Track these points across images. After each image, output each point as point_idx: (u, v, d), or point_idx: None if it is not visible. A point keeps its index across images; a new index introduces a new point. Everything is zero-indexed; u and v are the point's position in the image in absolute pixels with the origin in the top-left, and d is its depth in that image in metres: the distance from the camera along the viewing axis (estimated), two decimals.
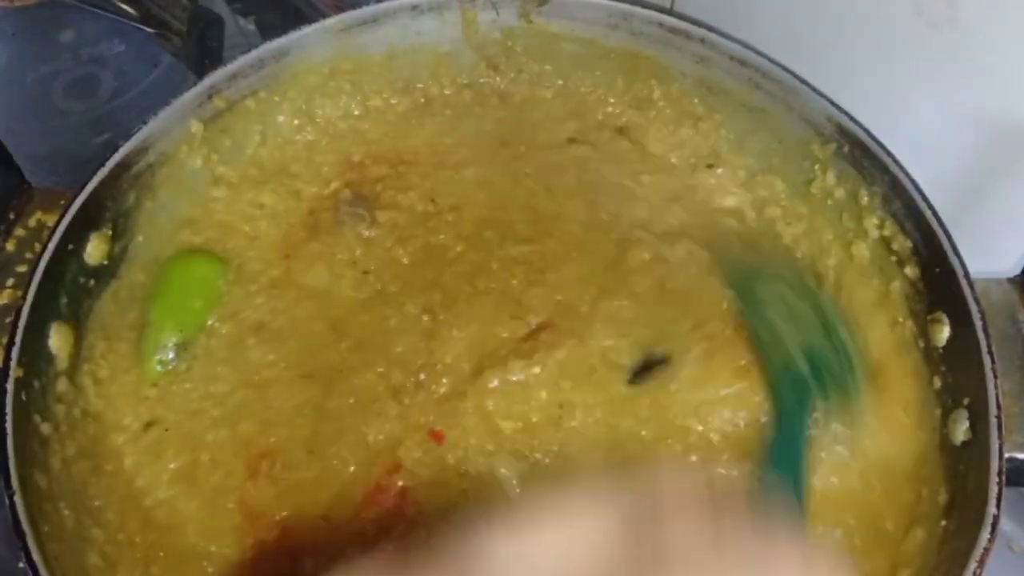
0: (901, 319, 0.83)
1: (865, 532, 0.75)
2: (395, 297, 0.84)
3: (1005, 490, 0.68)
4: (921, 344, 0.82)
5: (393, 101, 1.01)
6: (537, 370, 0.78)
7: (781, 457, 0.72)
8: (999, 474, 0.68)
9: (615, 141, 0.98)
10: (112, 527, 0.74)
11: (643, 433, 0.75)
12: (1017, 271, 0.87)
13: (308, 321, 0.82)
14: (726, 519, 0.48)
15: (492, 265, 0.85)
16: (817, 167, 0.91)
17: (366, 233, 0.89)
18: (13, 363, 0.72)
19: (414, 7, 0.98)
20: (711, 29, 0.95)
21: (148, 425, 0.79)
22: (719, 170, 0.96)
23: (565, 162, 0.95)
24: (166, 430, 0.78)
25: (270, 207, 0.92)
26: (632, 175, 0.94)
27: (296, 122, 0.97)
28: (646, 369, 0.78)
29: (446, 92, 1.02)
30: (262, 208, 0.92)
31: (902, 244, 0.85)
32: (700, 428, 0.76)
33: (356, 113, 0.99)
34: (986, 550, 0.66)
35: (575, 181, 0.93)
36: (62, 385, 0.78)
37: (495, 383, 0.76)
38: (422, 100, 1.01)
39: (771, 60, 0.92)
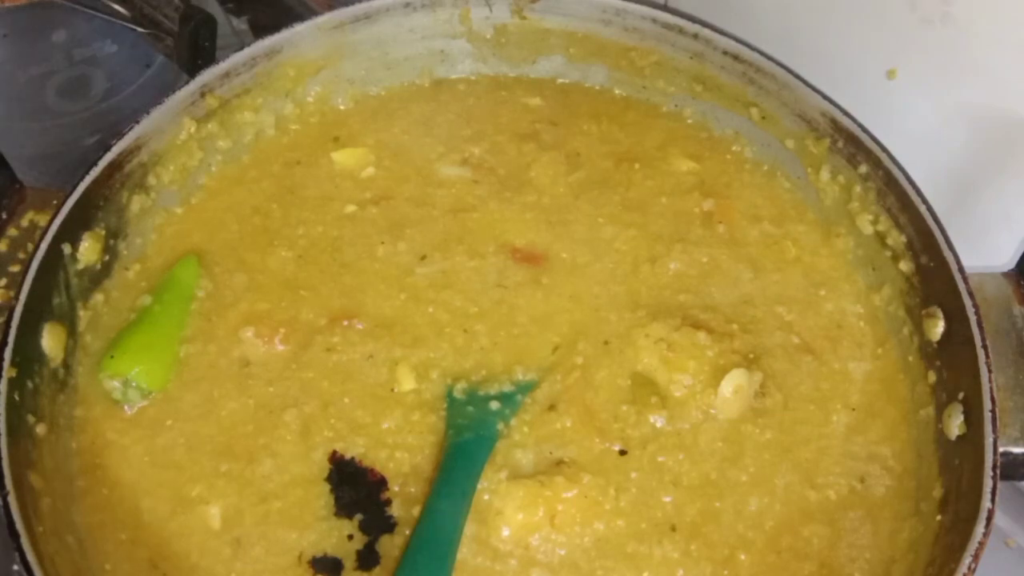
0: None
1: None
2: None
3: (1000, 484, 0.68)
4: (916, 339, 0.82)
5: None
6: None
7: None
8: (993, 468, 0.68)
9: None
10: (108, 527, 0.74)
11: None
12: (1012, 265, 0.87)
13: None
14: None
15: None
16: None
17: None
18: (6, 363, 0.72)
19: (407, 4, 0.98)
20: (705, 25, 0.95)
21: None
22: None
23: None
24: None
25: None
26: None
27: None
28: None
29: None
30: None
31: (896, 239, 0.85)
32: None
33: None
34: (981, 544, 0.66)
35: None
36: (55, 385, 0.78)
37: None
38: None
39: (765, 55, 0.92)
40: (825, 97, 0.89)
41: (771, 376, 0.81)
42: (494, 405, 0.78)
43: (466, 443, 0.76)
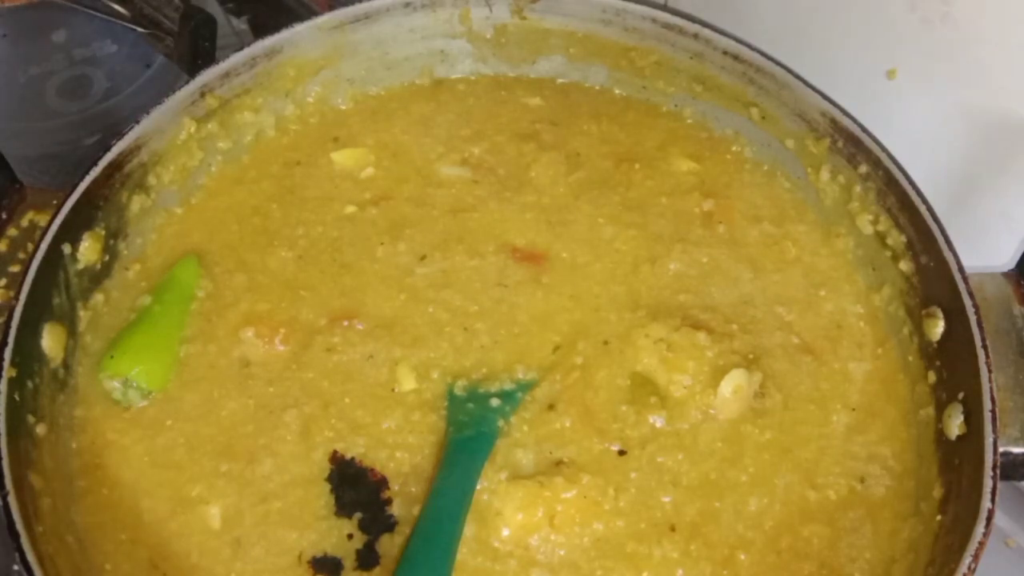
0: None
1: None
2: None
3: (1000, 484, 0.68)
4: (916, 339, 0.82)
5: None
6: None
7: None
8: (993, 468, 0.68)
9: None
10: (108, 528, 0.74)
11: None
12: (1011, 265, 0.87)
13: None
14: None
15: None
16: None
17: None
18: (6, 364, 0.72)
19: (407, 3, 0.98)
20: (705, 25, 0.95)
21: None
22: None
23: None
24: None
25: None
26: None
27: None
28: None
29: None
30: None
31: (896, 239, 0.85)
32: None
33: None
34: (981, 544, 0.66)
35: None
36: (56, 385, 0.78)
37: None
38: None
39: (765, 55, 0.92)
40: (825, 97, 0.89)
41: (771, 376, 0.81)
42: (495, 402, 0.79)
43: (467, 440, 0.76)
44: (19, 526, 0.65)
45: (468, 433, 0.77)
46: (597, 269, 0.89)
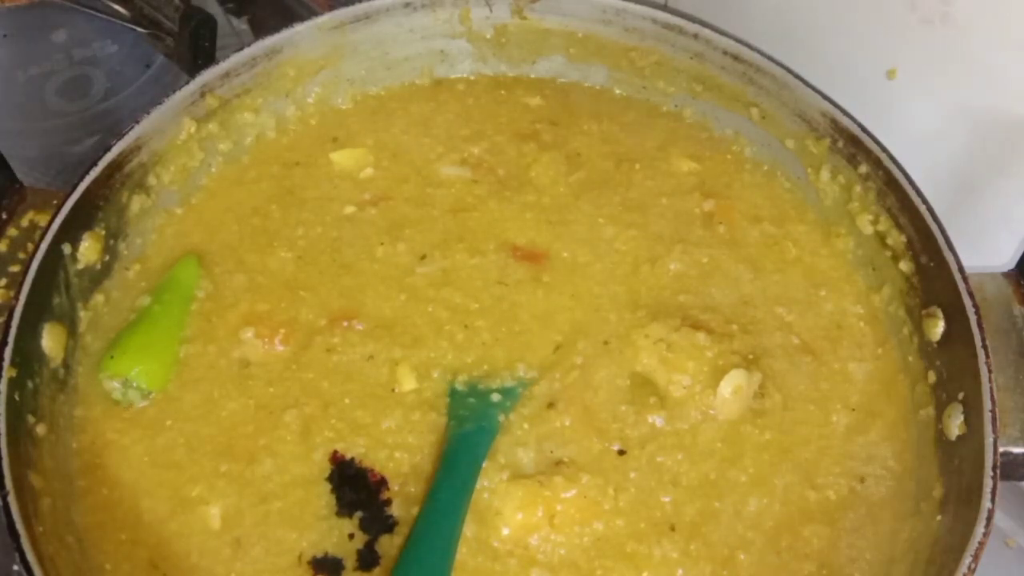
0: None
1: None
2: None
3: (1000, 484, 0.68)
4: (916, 339, 0.82)
5: None
6: None
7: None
8: (993, 468, 0.68)
9: None
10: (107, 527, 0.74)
11: None
12: (1012, 265, 0.87)
13: None
14: None
15: None
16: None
17: None
18: (6, 363, 0.72)
19: (407, 3, 0.99)
20: (705, 25, 0.95)
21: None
22: None
23: None
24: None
25: None
26: None
27: None
28: None
29: None
30: None
31: (896, 239, 0.85)
32: None
33: None
34: (981, 544, 0.66)
35: None
36: (56, 385, 0.78)
37: None
38: None
39: (765, 55, 0.92)
40: (825, 97, 0.89)
41: (770, 377, 0.81)
42: (495, 397, 0.79)
43: (468, 434, 0.77)
44: (19, 526, 0.65)
45: (469, 428, 0.77)
46: (597, 269, 0.89)
